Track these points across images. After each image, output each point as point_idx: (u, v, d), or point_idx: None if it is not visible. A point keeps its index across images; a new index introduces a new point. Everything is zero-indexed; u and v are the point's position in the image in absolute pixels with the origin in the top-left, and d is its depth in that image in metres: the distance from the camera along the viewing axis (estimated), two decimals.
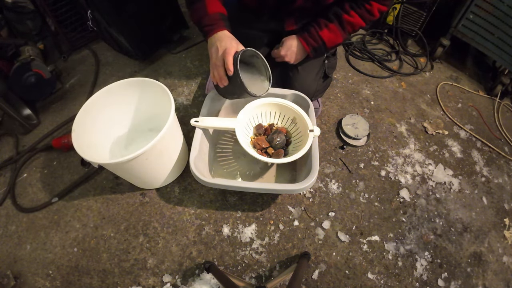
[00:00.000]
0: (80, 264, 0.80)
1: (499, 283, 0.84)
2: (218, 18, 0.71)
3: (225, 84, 0.70)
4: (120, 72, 1.24)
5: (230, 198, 0.91)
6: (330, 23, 0.79)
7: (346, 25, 0.79)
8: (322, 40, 0.80)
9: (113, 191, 0.92)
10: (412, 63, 1.38)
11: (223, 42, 0.68)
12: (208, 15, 0.71)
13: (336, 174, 0.98)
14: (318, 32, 0.80)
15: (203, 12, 0.71)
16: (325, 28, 0.79)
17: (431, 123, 1.15)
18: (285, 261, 0.82)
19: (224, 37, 0.69)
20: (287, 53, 0.84)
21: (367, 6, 0.76)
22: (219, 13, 0.72)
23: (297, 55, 0.85)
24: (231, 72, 0.66)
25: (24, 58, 1.02)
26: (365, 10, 0.77)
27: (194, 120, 0.79)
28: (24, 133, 1.05)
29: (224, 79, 0.69)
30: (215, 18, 0.71)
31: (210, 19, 0.71)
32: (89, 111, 0.76)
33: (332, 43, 0.82)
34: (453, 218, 0.93)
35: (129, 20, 1.09)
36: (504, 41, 1.14)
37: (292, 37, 0.84)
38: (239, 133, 0.77)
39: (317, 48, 0.82)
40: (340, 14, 0.78)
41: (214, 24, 0.70)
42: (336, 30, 0.79)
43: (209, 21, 0.71)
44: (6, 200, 0.91)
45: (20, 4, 1.17)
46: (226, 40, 0.68)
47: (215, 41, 0.69)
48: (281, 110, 0.86)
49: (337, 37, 0.81)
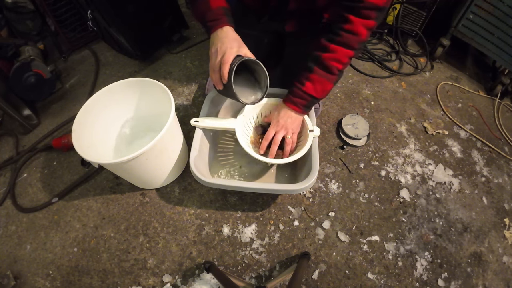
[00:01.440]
0: (80, 264, 0.80)
1: (499, 283, 0.84)
2: (221, 13, 0.68)
3: (220, 88, 0.70)
4: (120, 72, 1.24)
5: (230, 198, 0.91)
6: (310, 74, 0.69)
7: (331, 64, 0.67)
8: (310, 96, 0.71)
9: (113, 191, 0.92)
10: (412, 63, 1.38)
11: (224, 44, 0.65)
12: (211, 10, 0.68)
13: (336, 174, 0.98)
14: (302, 89, 0.71)
15: (206, 7, 0.68)
16: (307, 82, 0.70)
17: (431, 123, 1.15)
18: (285, 261, 0.82)
19: (226, 37, 0.66)
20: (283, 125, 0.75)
21: (347, 26, 0.63)
22: (222, 8, 0.69)
23: (293, 122, 0.76)
24: (225, 81, 0.65)
25: (24, 58, 1.02)
26: (346, 33, 0.64)
27: (194, 120, 0.79)
28: (24, 133, 1.05)
29: (219, 84, 0.68)
30: (218, 13, 0.68)
31: (213, 14, 0.68)
32: (89, 111, 0.76)
33: (322, 92, 0.71)
34: (453, 218, 0.93)
35: (129, 20, 1.09)
36: (504, 41, 1.14)
37: (278, 106, 0.77)
38: (239, 133, 0.77)
39: (308, 104, 0.73)
40: (318, 57, 0.68)
41: (217, 19, 0.67)
42: (320, 78, 0.69)
43: (212, 16, 0.68)
44: (6, 200, 0.91)
45: (20, 4, 1.17)
46: (227, 42, 0.65)
47: (217, 40, 0.67)
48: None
49: (325, 85, 0.70)
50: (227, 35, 0.67)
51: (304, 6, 0.76)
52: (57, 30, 1.22)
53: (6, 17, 1.18)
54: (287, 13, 0.81)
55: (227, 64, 0.63)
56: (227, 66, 0.63)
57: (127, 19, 1.09)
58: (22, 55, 1.05)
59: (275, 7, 0.80)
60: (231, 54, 0.63)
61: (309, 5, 0.75)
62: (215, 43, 0.67)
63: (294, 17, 0.83)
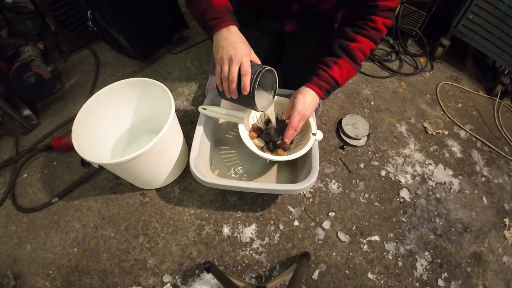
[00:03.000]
0: (80, 264, 0.80)
1: (499, 283, 0.84)
2: (224, 11, 0.64)
3: (234, 98, 0.65)
4: (120, 72, 1.24)
5: (230, 198, 0.91)
6: (338, 59, 0.70)
7: (357, 53, 0.69)
8: (334, 80, 0.71)
9: (113, 191, 0.92)
10: (412, 63, 1.38)
11: (237, 50, 0.60)
12: (213, 7, 0.63)
13: (336, 174, 0.98)
14: (329, 72, 0.70)
15: (207, 4, 0.63)
16: (334, 66, 0.70)
17: (431, 123, 1.15)
18: (285, 261, 0.82)
19: (235, 40, 0.61)
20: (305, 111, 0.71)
21: (371, 23, 0.68)
22: (225, 6, 0.64)
23: (313, 106, 0.73)
24: (246, 92, 0.61)
25: (24, 58, 1.02)
26: (371, 29, 0.68)
27: (201, 107, 0.79)
28: (24, 133, 1.05)
29: (235, 94, 0.63)
30: (221, 11, 0.63)
31: (216, 11, 0.63)
32: (89, 111, 0.76)
33: (345, 79, 0.73)
34: (453, 218, 0.93)
35: (129, 20, 1.09)
36: (504, 41, 1.14)
37: (302, 89, 0.73)
38: (241, 128, 0.77)
39: (330, 89, 0.73)
40: (346, 46, 0.69)
41: (220, 18, 0.62)
42: (346, 65, 0.70)
43: (214, 14, 0.63)
44: (6, 200, 0.91)
45: (20, 4, 1.17)
46: (239, 47, 0.60)
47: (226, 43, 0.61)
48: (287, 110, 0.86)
49: (350, 72, 0.72)
50: (235, 36, 0.62)
51: (306, 9, 0.75)
52: (57, 30, 1.22)
53: (6, 17, 1.18)
54: (287, 13, 0.81)
55: (248, 76, 0.60)
56: (248, 78, 0.60)
57: (127, 19, 1.09)
58: (22, 55, 1.05)
59: (275, 7, 0.80)
60: (248, 62, 0.60)
61: (312, 7, 0.75)
62: (224, 47, 0.61)
63: (294, 17, 0.83)
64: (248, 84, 0.60)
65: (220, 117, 0.81)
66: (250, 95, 0.62)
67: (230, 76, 0.60)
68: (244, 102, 0.67)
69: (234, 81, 0.61)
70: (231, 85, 0.61)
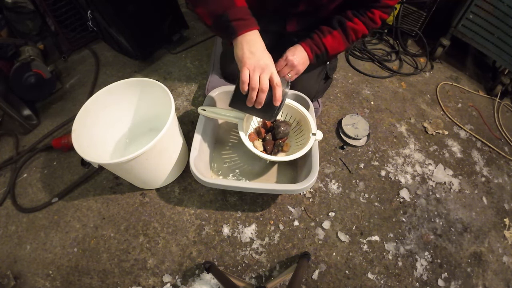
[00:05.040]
0: (80, 264, 0.80)
1: (499, 283, 0.84)
2: (248, 12, 0.60)
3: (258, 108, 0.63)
4: (120, 72, 1.24)
5: (230, 198, 0.91)
6: (333, 30, 0.76)
7: (350, 32, 0.76)
8: (325, 47, 0.77)
9: (113, 191, 0.92)
10: (412, 63, 1.38)
11: (268, 60, 0.60)
12: (236, 7, 0.59)
13: (336, 174, 0.98)
14: (322, 39, 0.76)
15: (229, 2, 0.59)
16: (328, 35, 0.76)
17: (431, 123, 1.15)
18: (285, 261, 0.82)
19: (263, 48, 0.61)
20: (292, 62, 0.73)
21: (369, 14, 0.75)
22: (246, 7, 0.61)
23: (301, 64, 0.76)
24: (278, 104, 0.62)
25: (24, 58, 1.02)
26: (368, 18, 0.76)
27: (201, 108, 0.80)
28: (24, 133, 1.05)
29: (261, 105, 0.62)
30: (245, 12, 0.60)
31: (240, 12, 0.59)
32: (89, 111, 0.76)
33: (335, 50, 0.79)
34: (453, 218, 0.93)
35: (129, 20, 1.09)
36: (504, 41, 1.14)
37: (294, 46, 0.77)
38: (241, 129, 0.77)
39: (320, 55, 0.78)
40: (343, 22, 0.76)
41: (245, 19, 0.59)
42: (339, 38, 0.77)
43: (238, 15, 0.59)
44: (6, 200, 0.91)
45: (20, 4, 1.17)
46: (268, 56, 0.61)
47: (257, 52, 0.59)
48: (288, 110, 0.87)
49: (340, 45, 0.78)
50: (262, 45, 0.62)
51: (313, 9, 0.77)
52: (57, 30, 1.22)
53: (6, 17, 1.18)
54: (290, 14, 0.81)
55: (281, 88, 0.61)
56: (281, 90, 0.61)
57: (127, 19, 1.09)
58: (22, 55, 1.05)
59: (278, 8, 0.80)
60: (277, 75, 0.62)
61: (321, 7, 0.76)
62: (256, 54, 0.59)
63: (296, 17, 0.83)
64: (280, 95, 0.62)
65: (220, 118, 0.81)
66: (277, 109, 0.64)
67: (263, 86, 0.59)
68: (261, 112, 0.67)
69: (265, 91, 0.60)
70: (261, 94, 0.60)
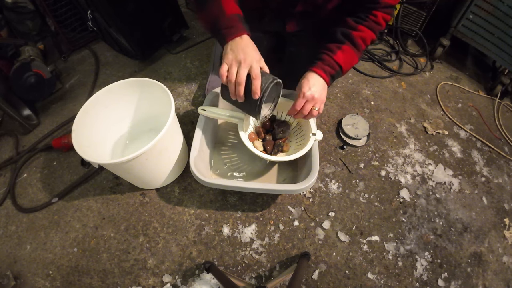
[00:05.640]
0: (80, 264, 0.80)
1: (499, 283, 0.84)
2: (237, 19, 0.64)
3: (239, 101, 0.65)
4: (120, 72, 1.24)
5: (230, 198, 0.91)
6: (342, 45, 0.71)
7: (359, 41, 0.71)
8: (338, 65, 0.71)
9: (113, 191, 0.92)
10: (412, 63, 1.38)
11: (248, 56, 0.61)
12: (226, 16, 0.63)
13: (336, 174, 0.98)
14: (333, 57, 0.71)
15: (220, 12, 0.63)
16: (338, 51, 0.71)
17: (431, 123, 1.15)
18: (285, 261, 0.82)
19: (247, 47, 0.63)
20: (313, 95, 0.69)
21: (372, 17, 0.71)
22: (237, 15, 0.65)
23: (322, 92, 0.71)
24: (256, 97, 0.62)
25: (24, 58, 1.02)
26: (372, 22, 0.72)
27: (200, 108, 0.80)
28: (24, 133, 1.05)
29: (241, 98, 0.63)
30: (234, 20, 0.64)
31: (229, 20, 0.63)
32: (89, 111, 0.76)
33: (348, 65, 0.73)
34: (453, 218, 0.93)
35: (129, 20, 1.09)
36: (504, 41, 1.14)
37: (306, 75, 0.72)
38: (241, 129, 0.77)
39: (335, 75, 0.72)
40: (348, 33, 0.71)
41: (234, 27, 0.63)
42: (350, 51, 0.72)
43: (227, 23, 0.63)
44: (6, 200, 0.91)
45: (20, 4, 1.17)
46: (250, 53, 0.62)
47: (238, 48, 0.62)
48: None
49: (353, 58, 0.73)
50: (247, 44, 0.64)
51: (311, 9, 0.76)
52: (57, 30, 1.22)
53: (6, 17, 1.18)
54: (289, 14, 0.81)
55: (258, 80, 0.61)
56: (259, 82, 0.61)
57: (127, 19, 1.09)
58: (22, 55, 1.05)
59: (277, 8, 0.80)
60: (258, 68, 0.62)
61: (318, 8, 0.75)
62: (235, 51, 0.62)
63: (295, 18, 0.83)
64: (258, 88, 0.61)
65: (219, 118, 0.81)
66: (258, 103, 0.63)
67: (238, 78, 0.61)
68: (246, 107, 0.67)
69: (241, 83, 0.61)
70: (238, 87, 0.62)
